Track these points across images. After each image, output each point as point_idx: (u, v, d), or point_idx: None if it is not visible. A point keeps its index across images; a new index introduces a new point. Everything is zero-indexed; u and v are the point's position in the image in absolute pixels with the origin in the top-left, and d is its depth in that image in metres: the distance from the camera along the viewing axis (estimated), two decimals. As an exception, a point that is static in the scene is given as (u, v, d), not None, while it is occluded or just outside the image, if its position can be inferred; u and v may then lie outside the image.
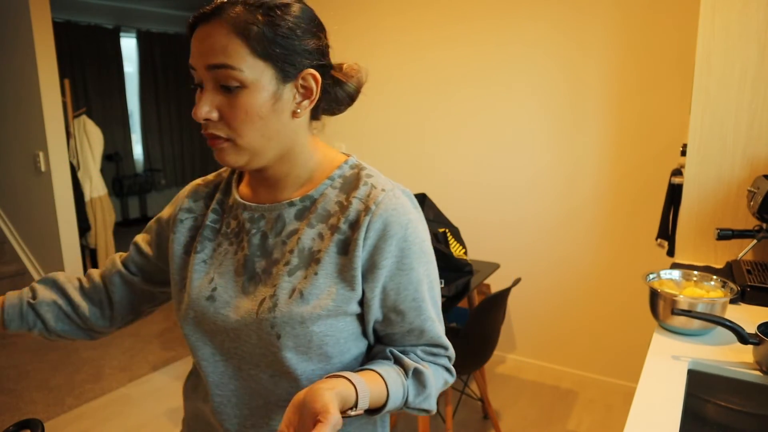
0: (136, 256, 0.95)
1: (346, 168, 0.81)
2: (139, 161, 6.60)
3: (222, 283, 0.80)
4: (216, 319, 0.78)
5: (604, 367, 2.86)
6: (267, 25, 0.70)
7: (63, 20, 5.44)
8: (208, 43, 0.69)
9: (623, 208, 2.65)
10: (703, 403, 1.13)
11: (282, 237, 0.78)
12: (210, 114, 0.71)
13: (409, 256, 0.76)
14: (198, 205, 0.88)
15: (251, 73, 0.69)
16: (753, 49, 1.58)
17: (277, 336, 0.74)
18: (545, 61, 2.71)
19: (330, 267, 0.75)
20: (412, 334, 0.80)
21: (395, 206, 0.75)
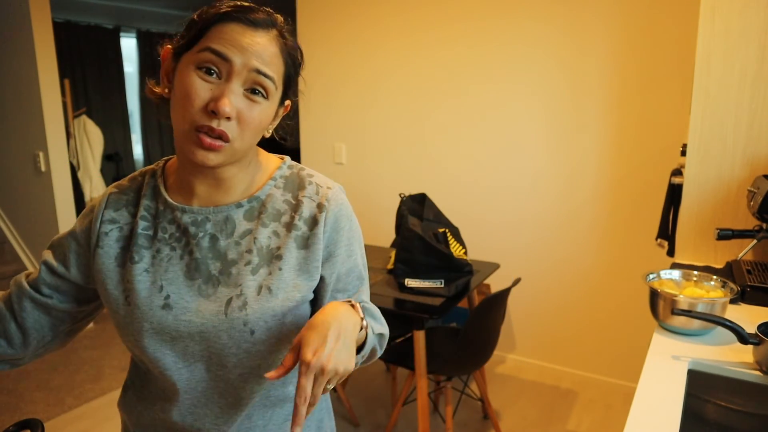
0: (49, 277, 0.86)
1: (285, 169, 0.87)
2: (139, 161, 6.61)
3: (174, 290, 0.79)
4: (178, 326, 0.78)
5: (604, 367, 2.86)
6: (297, 60, 0.80)
7: (63, 20, 5.44)
8: (260, 49, 0.72)
9: (623, 209, 2.65)
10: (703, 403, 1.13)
11: (234, 238, 0.80)
12: (233, 113, 0.71)
13: (354, 243, 0.87)
14: (121, 214, 0.84)
15: (275, 91, 0.76)
16: (753, 49, 1.58)
17: (251, 332, 0.78)
18: (545, 61, 2.71)
19: (292, 261, 0.81)
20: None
21: (341, 202, 0.85)
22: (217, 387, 0.82)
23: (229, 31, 0.71)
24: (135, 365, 0.91)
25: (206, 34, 0.72)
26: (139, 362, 0.87)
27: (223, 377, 0.81)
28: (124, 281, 0.81)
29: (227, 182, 0.81)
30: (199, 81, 0.71)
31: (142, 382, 0.88)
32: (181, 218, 0.81)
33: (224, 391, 0.82)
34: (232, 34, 0.71)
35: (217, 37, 0.71)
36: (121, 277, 0.81)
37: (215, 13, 0.72)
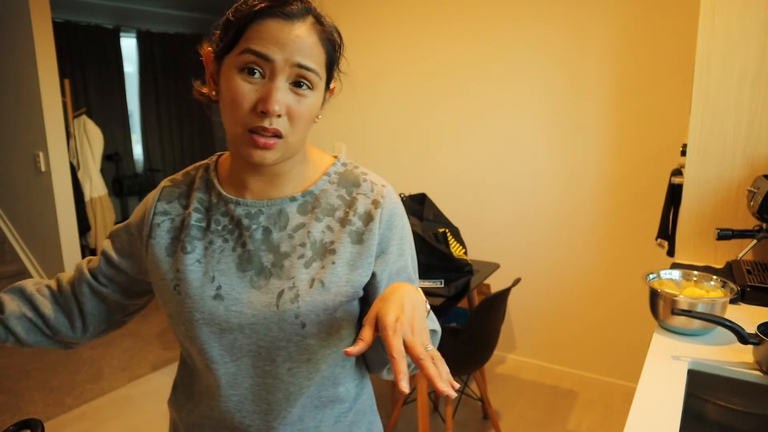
0: (106, 267, 0.91)
1: (339, 165, 0.87)
2: (139, 161, 6.60)
3: (226, 281, 0.79)
4: (229, 317, 0.78)
5: (604, 367, 2.86)
6: (336, 45, 0.79)
7: (63, 20, 5.44)
8: (300, 42, 0.71)
9: (623, 208, 2.65)
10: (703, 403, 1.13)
11: (288, 231, 0.81)
12: (283, 110, 0.72)
13: (405, 243, 0.86)
14: (173, 207, 0.86)
15: (319, 81, 0.75)
16: (753, 49, 1.58)
17: (302, 325, 0.78)
18: (545, 61, 2.71)
19: (345, 256, 0.80)
20: None
21: (395, 200, 0.85)
22: (265, 383, 0.81)
23: (267, 29, 0.71)
24: (184, 362, 0.92)
25: (244, 34, 0.72)
26: (187, 356, 0.88)
27: (272, 372, 0.81)
28: (174, 270, 0.82)
29: (282, 177, 0.82)
30: (243, 84, 0.71)
31: (191, 380, 0.89)
32: (234, 210, 0.82)
33: (272, 386, 0.82)
34: (270, 31, 0.71)
35: (255, 37, 0.71)
36: (170, 266, 0.82)
37: (250, 12, 0.72)
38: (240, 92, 0.71)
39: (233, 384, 0.81)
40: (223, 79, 0.74)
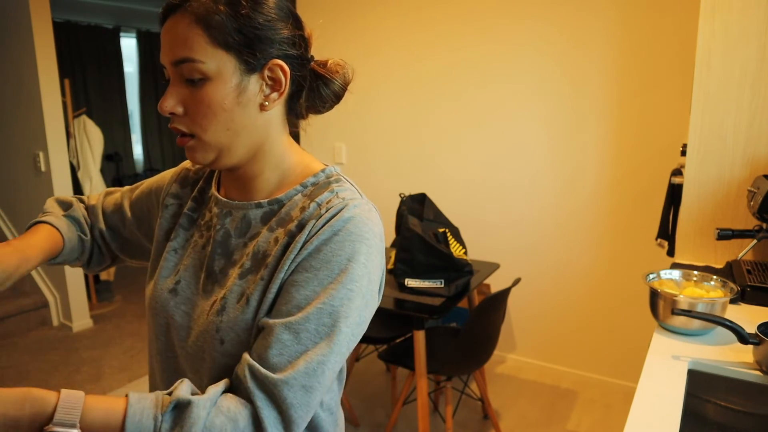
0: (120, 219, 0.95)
1: (322, 176, 0.76)
2: (139, 161, 6.60)
3: (186, 277, 0.79)
4: (174, 314, 0.77)
5: (604, 367, 2.86)
6: (229, 15, 0.67)
7: (63, 20, 5.44)
8: (171, 36, 0.68)
9: (623, 208, 2.65)
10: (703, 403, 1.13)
11: (244, 239, 0.76)
12: (175, 108, 0.70)
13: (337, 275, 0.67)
14: (185, 192, 0.87)
15: (213, 65, 0.67)
16: (753, 49, 1.58)
17: (221, 341, 0.70)
18: (545, 61, 2.71)
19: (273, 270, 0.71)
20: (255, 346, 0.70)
21: (351, 219, 0.68)
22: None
23: (161, 35, 0.70)
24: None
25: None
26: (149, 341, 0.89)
27: (197, 382, 0.74)
28: (159, 253, 0.83)
29: (251, 182, 0.77)
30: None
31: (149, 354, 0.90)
32: (212, 208, 0.81)
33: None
34: (161, 37, 0.70)
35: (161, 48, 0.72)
36: (160, 249, 0.83)
37: (159, 25, 0.72)
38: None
39: (169, 381, 0.80)
40: None
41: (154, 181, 0.92)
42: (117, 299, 4.12)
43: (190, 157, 0.73)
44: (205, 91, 0.68)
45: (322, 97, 0.79)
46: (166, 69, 0.71)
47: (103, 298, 4.11)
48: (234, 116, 0.70)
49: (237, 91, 0.69)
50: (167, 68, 0.71)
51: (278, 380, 0.62)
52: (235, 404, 0.61)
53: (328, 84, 0.79)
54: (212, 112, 0.69)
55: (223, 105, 0.69)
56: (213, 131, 0.70)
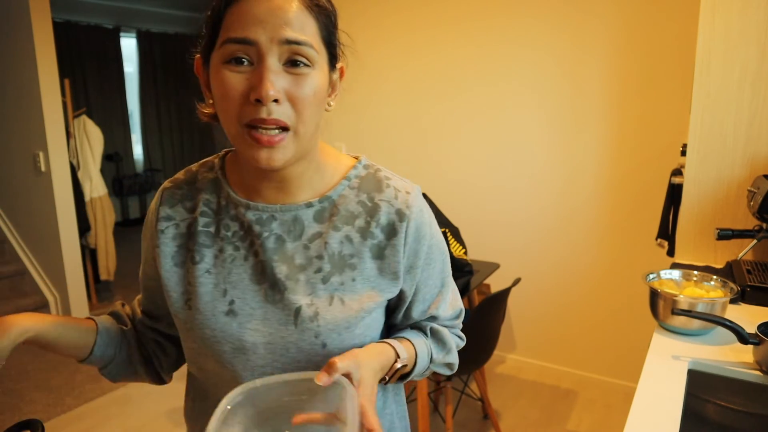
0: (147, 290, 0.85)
1: (361, 168, 0.78)
2: (139, 161, 6.61)
3: (238, 294, 0.72)
4: (242, 335, 0.71)
5: (604, 367, 2.86)
6: (327, 11, 0.67)
7: (63, 20, 5.44)
8: (281, 14, 0.61)
9: (623, 208, 2.65)
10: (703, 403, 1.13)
11: (303, 241, 0.73)
12: (279, 94, 0.62)
13: (433, 252, 0.79)
14: (177, 211, 0.77)
15: (318, 56, 0.65)
16: (753, 49, 1.58)
17: (323, 345, 0.71)
18: (545, 61, 2.71)
19: (367, 272, 0.74)
20: (425, 315, 0.84)
21: (421, 208, 0.77)
22: None
23: (244, 9, 0.62)
24: (194, 377, 0.83)
25: (222, 24, 0.64)
26: (198, 372, 0.80)
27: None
28: (185, 283, 0.74)
29: (295, 182, 0.73)
30: (231, 75, 0.63)
31: (205, 396, 0.81)
32: (245, 215, 0.73)
33: None
34: (246, 10, 0.62)
35: (233, 22, 0.62)
36: (180, 278, 0.75)
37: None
38: (228, 84, 0.62)
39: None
40: (212, 80, 0.66)
41: (145, 240, 0.83)
42: (117, 299, 4.12)
43: (275, 158, 0.64)
44: (312, 79, 0.64)
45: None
46: (252, 46, 0.62)
47: (103, 298, 4.11)
48: (321, 111, 0.68)
49: (326, 86, 0.68)
50: (261, 45, 0.61)
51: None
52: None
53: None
54: (315, 102, 0.65)
55: (320, 97, 0.66)
56: (309, 123, 0.65)
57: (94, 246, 3.93)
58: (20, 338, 0.69)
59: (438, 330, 0.83)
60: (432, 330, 0.83)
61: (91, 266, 3.99)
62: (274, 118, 0.62)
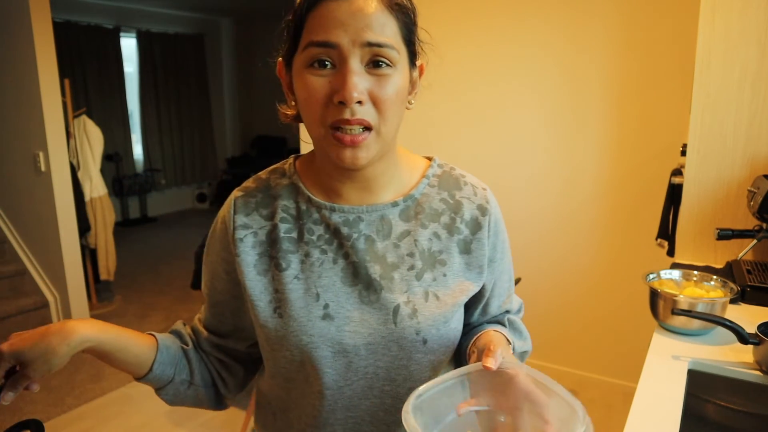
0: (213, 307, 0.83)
1: (436, 167, 0.83)
2: (139, 161, 6.61)
3: (332, 297, 0.72)
4: (342, 339, 0.71)
5: (604, 367, 2.86)
6: (407, 9, 0.69)
7: (63, 20, 5.44)
8: (362, 17, 0.62)
9: (623, 208, 2.65)
10: (703, 403, 1.13)
11: (392, 240, 0.74)
12: (363, 95, 0.63)
13: (506, 246, 0.84)
14: (253, 219, 0.76)
15: (400, 56, 0.67)
16: (753, 49, 1.58)
17: (424, 341, 0.73)
18: (545, 61, 2.71)
19: (455, 266, 0.76)
20: (500, 309, 0.87)
21: (496, 204, 0.82)
22: (383, 404, 0.75)
23: (325, 12, 0.63)
24: (269, 390, 0.82)
25: (304, 28, 0.65)
26: (286, 381, 0.78)
27: (391, 393, 0.75)
28: (271, 291, 0.73)
29: (377, 181, 0.74)
30: (314, 78, 0.64)
31: (285, 407, 0.80)
32: (330, 217, 0.74)
33: (392, 407, 0.75)
34: (328, 14, 0.63)
35: (315, 26, 0.63)
36: (264, 286, 0.73)
37: (304, 1, 0.65)
38: (312, 88, 0.64)
39: (349, 406, 0.75)
40: (295, 83, 0.67)
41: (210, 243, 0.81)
42: (117, 299, 4.12)
43: (359, 157, 0.66)
44: (394, 79, 0.66)
45: None
46: (334, 48, 0.63)
47: (103, 298, 4.11)
48: (403, 110, 0.70)
49: (407, 85, 0.70)
50: (342, 47, 0.63)
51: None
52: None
53: None
54: (398, 101, 0.67)
55: (402, 96, 0.68)
56: (391, 123, 0.67)
57: (94, 246, 3.93)
58: (80, 347, 0.68)
59: (513, 320, 0.87)
60: (509, 320, 0.86)
61: (91, 266, 3.99)
62: (358, 118, 0.64)
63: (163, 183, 6.77)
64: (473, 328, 0.85)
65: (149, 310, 3.91)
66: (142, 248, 5.53)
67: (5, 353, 0.64)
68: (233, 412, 2.64)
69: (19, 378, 0.66)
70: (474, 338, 0.77)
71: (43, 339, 0.65)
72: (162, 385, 0.78)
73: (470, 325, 0.85)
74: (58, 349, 0.65)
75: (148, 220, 6.58)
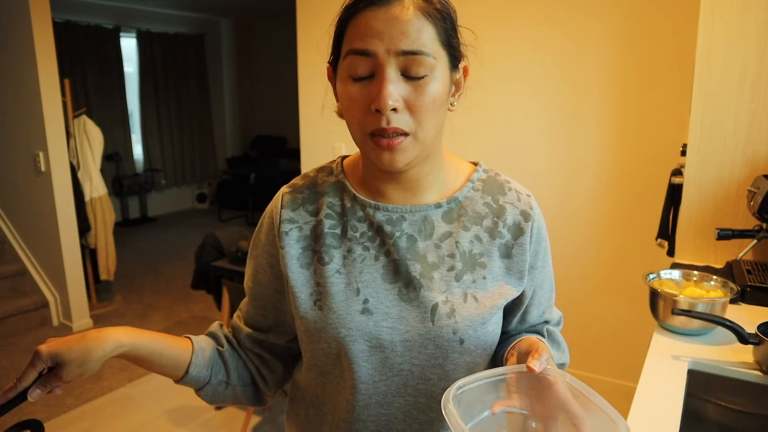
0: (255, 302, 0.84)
1: (482, 172, 0.83)
2: (139, 161, 6.61)
3: (372, 293, 0.74)
4: (379, 334, 0.72)
5: (604, 367, 2.86)
6: (444, 14, 0.69)
7: (63, 20, 5.44)
8: (398, 25, 0.64)
9: (623, 208, 2.65)
10: (703, 403, 1.13)
11: (434, 240, 0.76)
12: (397, 103, 0.65)
13: (548, 254, 0.84)
14: (299, 214, 0.79)
15: (437, 61, 0.67)
16: (753, 49, 1.58)
17: (460, 341, 0.73)
18: (545, 61, 2.71)
19: (495, 270, 0.77)
20: (540, 319, 0.88)
21: (539, 211, 0.82)
22: (417, 402, 0.76)
23: (363, 22, 0.65)
24: (306, 383, 0.84)
25: (345, 36, 0.68)
26: (320, 375, 0.80)
27: (425, 391, 0.76)
28: (313, 284, 0.76)
29: (421, 183, 0.76)
30: (353, 86, 0.67)
31: (321, 401, 0.81)
32: (373, 215, 0.76)
33: (426, 406, 0.76)
34: (365, 23, 0.65)
35: (354, 35, 0.66)
36: (306, 279, 0.76)
37: (345, 9, 0.68)
38: (351, 95, 0.67)
39: (382, 403, 0.76)
40: (338, 90, 0.71)
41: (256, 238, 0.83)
42: (117, 299, 4.12)
43: (396, 159, 0.68)
44: (431, 86, 0.67)
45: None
46: (372, 57, 0.65)
47: (103, 298, 4.12)
48: (443, 114, 0.71)
49: (448, 89, 0.70)
50: (378, 56, 0.65)
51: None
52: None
53: None
54: (435, 108, 0.68)
55: (440, 101, 0.68)
56: (428, 128, 0.68)
57: (94, 246, 3.93)
58: (114, 351, 0.70)
59: (552, 331, 0.88)
60: (548, 331, 0.88)
61: (91, 266, 3.99)
62: (393, 127, 0.66)
63: (163, 183, 6.77)
64: (511, 336, 0.85)
65: (149, 310, 3.91)
66: (142, 248, 5.53)
67: (44, 354, 0.68)
68: (233, 412, 2.64)
69: (51, 378, 0.69)
70: (512, 344, 0.77)
71: (80, 342, 0.68)
72: (200, 386, 0.80)
73: (508, 333, 0.85)
74: (94, 353, 0.69)
75: (148, 220, 6.58)
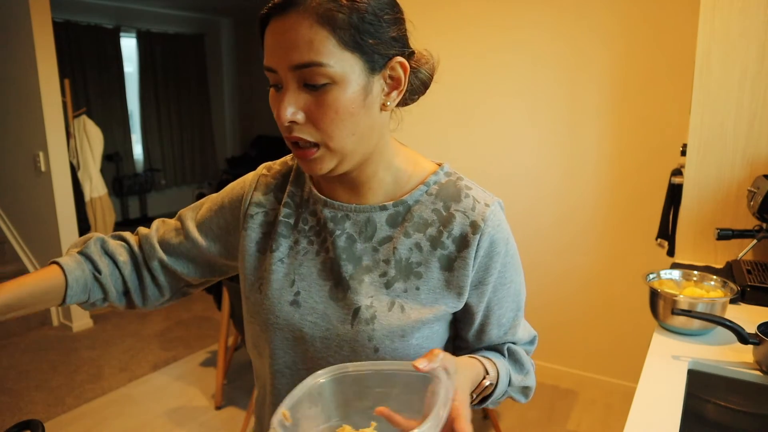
0: (186, 246, 0.85)
1: (442, 175, 0.78)
2: (139, 161, 6.61)
3: (305, 287, 0.75)
4: (302, 326, 0.74)
5: (604, 367, 2.86)
6: (352, 12, 0.63)
7: (63, 20, 5.44)
8: (289, 38, 0.62)
9: (623, 208, 2.65)
10: (703, 403, 1.13)
11: (373, 243, 0.74)
12: (296, 116, 0.64)
13: (508, 271, 0.78)
14: (268, 199, 0.81)
15: (340, 67, 0.63)
16: (753, 49, 1.58)
17: (375, 350, 0.71)
18: (544, 60, 2.71)
19: (432, 282, 0.73)
20: (502, 339, 0.83)
21: (499, 222, 0.74)
22: None
23: (268, 37, 0.64)
24: (253, 358, 0.85)
25: (264, 50, 0.66)
26: (257, 358, 0.82)
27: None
28: (261, 269, 0.78)
29: (365, 184, 0.75)
30: (274, 95, 0.67)
31: (263, 382, 0.84)
32: (322, 211, 0.76)
33: None
34: (268, 38, 0.64)
35: (265, 50, 0.65)
36: (258, 263, 0.79)
37: (258, 21, 0.66)
38: (272, 106, 0.67)
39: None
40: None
41: (225, 195, 0.85)
42: (117, 299, 4.12)
43: (313, 168, 0.68)
44: (332, 96, 0.64)
45: (413, 89, 0.77)
46: (275, 73, 0.65)
47: (103, 298, 4.11)
48: (360, 120, 0.66)
49: (364, 93, 0.66)
50: (279, 72, 0.64)
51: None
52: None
53: (418, 74, 0.78)
54: (339, 118, 0.65)
55: (350, 109, 0.65)
56: (339, 137, 0.66)
57: (94, 246, 3.92)
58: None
59: (515, 350, 0.83)
60: (509, 350, 0.82)
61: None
62: (295, 136, 0.66)
63: (163, 183, 6.77)
64: (470, 352, 0.82)
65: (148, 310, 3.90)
66: (142, 248, 5.52)
67: None
68: (233, 412, 2.64)
69: None
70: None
71: None
72: (76, 303, 0.83)
73: (467, 349, 0.83)
74: None
75: (148, 220, 6.57)
